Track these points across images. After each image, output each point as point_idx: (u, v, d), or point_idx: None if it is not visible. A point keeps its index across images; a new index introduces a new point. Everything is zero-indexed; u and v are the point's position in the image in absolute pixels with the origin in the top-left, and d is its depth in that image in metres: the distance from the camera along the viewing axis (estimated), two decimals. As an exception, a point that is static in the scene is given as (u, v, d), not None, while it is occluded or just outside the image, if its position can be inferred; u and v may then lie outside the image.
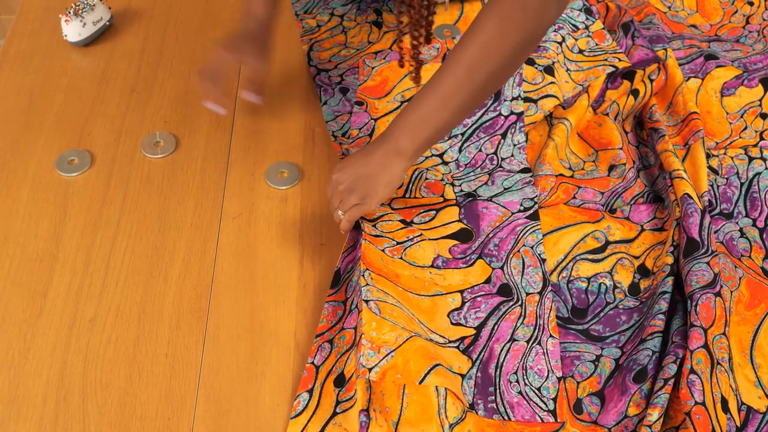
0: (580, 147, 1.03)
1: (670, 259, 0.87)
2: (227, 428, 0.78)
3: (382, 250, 0.89)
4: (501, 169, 0.98)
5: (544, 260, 0.90)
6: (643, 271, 0.91)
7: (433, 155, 1.01)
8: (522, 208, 0.94)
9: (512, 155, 0.99)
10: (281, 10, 1.23)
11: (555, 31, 1.10)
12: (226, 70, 0.96)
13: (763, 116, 1.06)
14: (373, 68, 1.11)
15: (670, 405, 0.76)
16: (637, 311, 0.87)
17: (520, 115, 1.02)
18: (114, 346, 0.84)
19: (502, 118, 1.02)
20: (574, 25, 1.12)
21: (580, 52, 1.11)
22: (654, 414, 0.74)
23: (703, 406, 0.73)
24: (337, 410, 0.78)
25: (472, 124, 1.03)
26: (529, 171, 0.98)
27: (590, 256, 0.92)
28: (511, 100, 1.03)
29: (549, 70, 1.06)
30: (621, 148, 1.00)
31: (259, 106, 1.08)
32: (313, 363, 0.82)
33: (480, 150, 1.00)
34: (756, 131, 1.05)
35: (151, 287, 0.89)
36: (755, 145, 1.04)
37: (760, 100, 1.06)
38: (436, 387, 0.76)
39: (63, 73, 1.14)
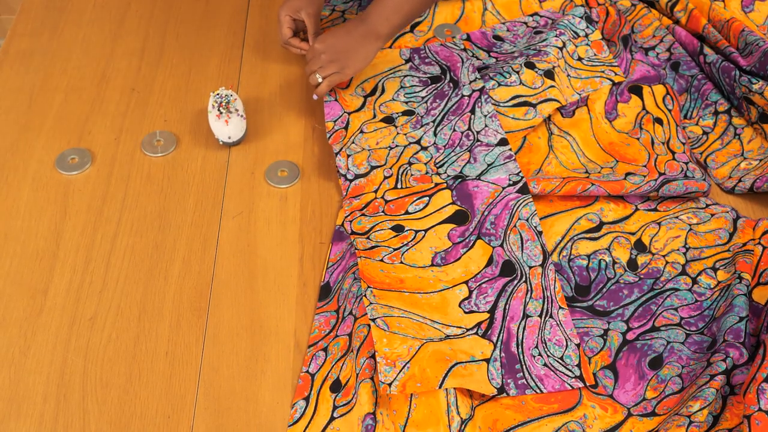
0: (599, 155, 1.04)
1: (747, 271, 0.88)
2: (227, 426, 0.79)
3: (381, 260, 0.89)
4: (479, 143, 0.99)
5: (540, 233, 0.92)
6: (639, 246, 0.93)
7: (410, 143, 1.01)
8: (511, 182, 0.95)
9: (486, 126, 1.01)
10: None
11: (556, 36, 1.11)
12: (294, 27, 1.09)
13: None
14: None
15: (727, 407, 0.77)
16: (637, 286, 0.90)
17: (481, 89, 1.04)
18: (114, 344, 0.84)
19: (466, 98, 1.04)
20: (574, 32, 1.13)
21: (579, 59, 1.11)
22: (695, 405, 0.75)
23: (766, 414, 0.73)
24: (335, 415, 0.78)
25: (440, 112, 1.04)
26: (506, 143, 0.99)
27: (587, 235, 0.94)
28: (469, 83, 1.05)
29: (549, 74, 1.06)
30: (645, 166, 1.01)
31: (260, 104, 1.08)
32: (308, 371, 0.82)
33: (454, 129, 1.02)
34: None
35: (151, 286, 0.89)
36: None
37: None
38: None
39: (63, 72, 1.14)
